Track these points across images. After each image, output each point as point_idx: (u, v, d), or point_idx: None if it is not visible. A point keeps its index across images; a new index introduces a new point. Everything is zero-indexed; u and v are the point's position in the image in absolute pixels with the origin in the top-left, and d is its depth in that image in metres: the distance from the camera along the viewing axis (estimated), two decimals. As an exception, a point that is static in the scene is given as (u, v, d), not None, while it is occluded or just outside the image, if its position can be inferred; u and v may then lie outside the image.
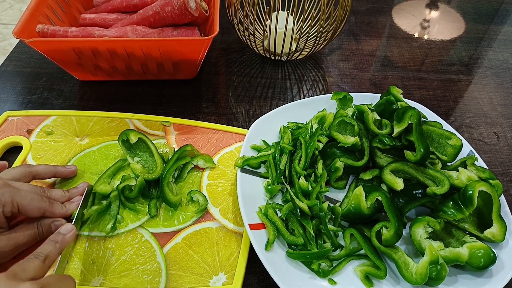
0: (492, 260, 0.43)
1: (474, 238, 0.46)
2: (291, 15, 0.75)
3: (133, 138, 0.55)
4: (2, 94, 0.67)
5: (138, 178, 0.52)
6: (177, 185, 0.54)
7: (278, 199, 0.52)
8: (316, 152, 0.53)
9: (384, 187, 0.51)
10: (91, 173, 0.55)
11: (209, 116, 0.64)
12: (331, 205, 0.50)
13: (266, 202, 0.51)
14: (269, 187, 0.51)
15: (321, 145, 0.54)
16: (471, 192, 0.45)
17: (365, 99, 0.60)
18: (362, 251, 0.48)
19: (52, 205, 0.47)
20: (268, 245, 0.46)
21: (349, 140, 0.52)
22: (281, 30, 0.67)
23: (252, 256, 0.47)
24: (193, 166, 0.56)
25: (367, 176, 0.52)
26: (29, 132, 0.60)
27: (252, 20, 0.67)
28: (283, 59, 0.74)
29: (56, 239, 0.42)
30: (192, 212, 0.52)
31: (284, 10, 0.74)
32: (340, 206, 0.51)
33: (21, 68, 0.72)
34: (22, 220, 0.48)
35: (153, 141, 0.57)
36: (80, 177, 0.55)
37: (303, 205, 0.48)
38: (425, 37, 0.83)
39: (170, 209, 0.52)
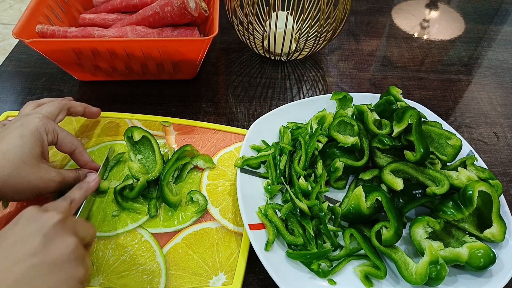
0: (492, 260, 0.44)
1: (474, 238, 0.46)
2: (291, 15, 0.75)
3: (137, 136, 0.55)
4: (1, 94, 0.67)
5: (134, 178, 0.53)
6: (177, 185, 0.54)
7: (278, 199, 0.52)
8: (316, 152, 0.53)
9: (384, 187, 0.51)
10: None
11: (209, 116, 0.64)
12: (331, 205, 0.50)
13: (266, 202, 0.51)
14: (269, 187, 0.51)
15: (320, 145, 0.54)
16: (470, 192, 0.45)
17: (365, 99, 0.60)
18: (362, 251, 0.48)
19: (82, 148, 0.50)
20: (268, 245, 0.46)
21: (349, 140, 0.52)
22: (281, 30, 0.67)
23: (252, 256, 0.47)
24: (192, 166, 0.56)
25: (367, 176, 0.52)
26: (29, 132, 0.60)
27: (251, 20, 0.67)
28: (283, 59, 0.74)
29: (82, 186, 0.47)
30: (191, 212, 0.52)
31: (284, 10, 0.74)
32: (340, 206, 0.51)
33: (21, 68, 0.72)
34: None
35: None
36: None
37: (303, 205, 0.48)
38: (425, 37, 0.83)
39: (170, 209, 0.52)
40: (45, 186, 0.44)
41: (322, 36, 0.66)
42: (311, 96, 0.65)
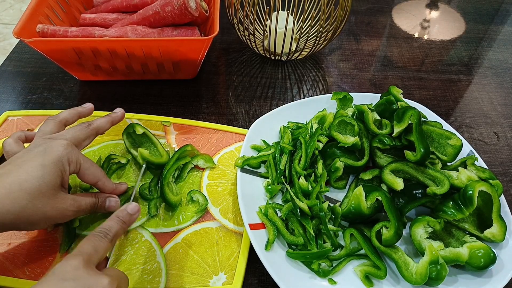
0: (492, 260, 0.44)
1: (474, 238, 0.46)
2: (291, 15, 0.75)
3: (140, 130, 0.56)
4: (2, 94, 0.67)
5: (148, 162, 0.53)
6: (177, 185, 0.54)
7: (278, 199, 0.52)
8: (316, 152, 0.53)
9: (384, 187, 0.51)
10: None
11: (209, 116, 0.64)
12: (331, 205, 0.50)
13: (266, 202, 0.51)
14: (269, 187, 0.51)
15: (321, 145, 0.54)
16: (471, 192, 0.45)
17: (365, 99, 0.60)
18: (362, 251, 0.48)
19: (106, 178, 0.47)
20: (268, 245, 0.46)
21: (349, 140, 0.52)
22: (281, 30, 0.67)
23: (252, 256, 0.47)
24: (193, 166, 0.56)
25: (367, 176, 0.52)
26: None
27: (252, 20, 0.67)
28: (283, 59, 0.74)
29: (124, 218, 0.42)
30: (192, 212, 0.52)
31: (284, 10, 0.74)
32: (340, 206, 0.51)
33: (21, 68, 0.72)
34: None
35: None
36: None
37: (303, 205, 0.48)
38: (425, 37, 0.83)
39: (170, 209, 0.52)
40: (61, 216, 0.42)
41: (322, 36, 0.66)
42: (311, 96, 0.65)
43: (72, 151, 0.42)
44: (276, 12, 0.64)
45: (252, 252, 0.48)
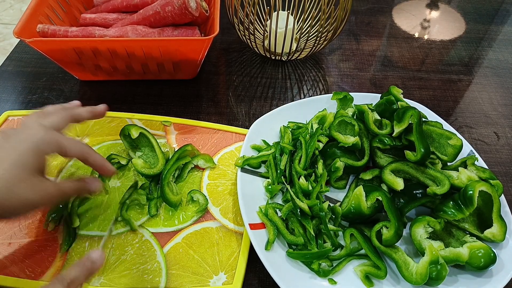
0: (492, 260, 0.44)
1: (474, 238, 0.46)
2: (291, 15, 0.75)
3: (134, 133, 0.55)
4: (2, 93, 0.67)
5: (140, 174, 0.53)
6: (177, 184, 0.54)
7: (278, 199, 0.52)
8: (316, 152, 0.53)
9: (384, 187, 0.51)
10: (92, 173, 0.55)
11: (209, 116, 0.65)
12: (331, 205, 0.50)
13: (266, 202, 0.51)
14: (269, 187, 0.51)
15: (321, 145, 0.54)
16: (471, 192, 0.45)
17: (365, 99, 0.60)
18: (362, 251, 0.48)
19: (93, 152, 0.47)
20: (268, 245, 0.46)
21: (349, 140, 0.52)
22: (282, 30, 0.67)
23: (252, 255, 0.47)
24: (193, 166, 0.56)
25: (367, 176, 0.52)
26: (30, 131, 0.60)
27: (252, 20, 0.67)
28: (284, 59, 0.74)
29: (87, 266, 0.40)
30: (192, 212, 0.52)
31: (285, 10, 0.74)
32: (340, 206, 0.51)
33: (22, 68, 0.72)
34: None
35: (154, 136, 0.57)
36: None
37: (303, 205, 0.48)
38: (426, 37, 0.83)
39: (170, 209, 0.52)
40: (43, 200, 0.41)
41: (322, 36, 0.66)
42: (311, 96, 0.65)
43: (48, 133, 0.43)
44: (276, 12, 0.64)
45: (252, 252, 0.48)
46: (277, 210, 0.50)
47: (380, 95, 0.59)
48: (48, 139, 0.42)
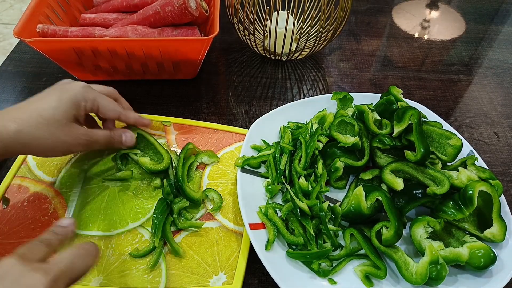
0: (492, 260, 0.44)
1: (474, 238, 0.46)
2: (291, 15, 0.75)
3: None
4: (2, 93, 0.67)
5: (150, 172, 0.54)
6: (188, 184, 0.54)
7: (278, 199, 0.52)
8: (316, 152, 0.53)
9: (384, 187, 0.51)
10: (92, 173, 0.55)
11: (209, 116, 0.65)
12: (331, 205, 0.50)
13: (266, 202, 0.51)
14: (269, 187, 0.51)
15: (321, 145, 0.54)
16: (471, 192, 0.45)
17: (365, 99, 0.60)
18: (362, 251, 0.48)
19: (126, 111, 0.54)
20: (268, 245, 0.46)
21: (349, 140, 0.52)
22: (281, 30, 0.67)
23: (252, 256, 0.47)
24: (198, 164, 0.56)
25: (367, 176, 0.52)
26: (29, 131, 0.60)
27: (252, 20, 0.67)
28: (283, 59, 0.74)
29: (56, 230, 0.41)
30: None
31: (284, 10, 0.74)
32: (340, 206, 0.51)
33: (22, 68, 0.72)
34: None
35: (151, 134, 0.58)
36: (80, 176, 0.55)
37: (303, 205, 0.48)
38: (425, 37, 0.83)
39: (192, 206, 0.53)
40: (74, 142, 0.47)
41: (322, 36, 0.66)
42: (311, 96, 0.65)
43: (88, 91, 0.49)
44: (276, 12, 0.64)
45: (252, 252, 0.48)
46: (277, 210, 0.50)
47: (380, 95, 0.59)
48: (87, 94, 0.48)
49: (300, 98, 0.67)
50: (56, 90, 0.48)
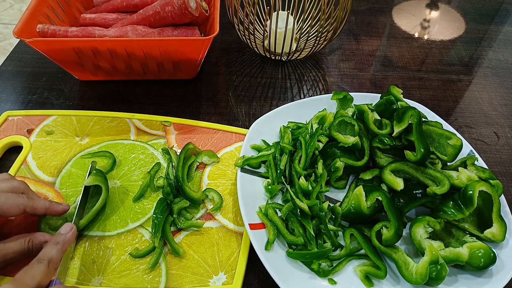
0: (492, 260, 0.44)
1: (474, 238, 0.46)
2: (291, 15, 0.75)
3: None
4: (2, 93, 0.67)
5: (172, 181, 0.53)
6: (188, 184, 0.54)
7: (278, 199, 0.52)
8: (316, 152, 0.53)
9: (384, 187, 0.51)
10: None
11: (209, 116, 0.65)
12: (331, 205, 0.50)
13: (266, 202, 0.51)
14: (269, 187, 0.51)
15: (321, 145, 0.54)
16: (471, 192, 0.45)
17: (365, 99, 0.60)
18: (362, 251, 0.48)
19: (33, 200, 0.45)
20: (268, 245, 0.46)
21: (349, 140, 0.52)
22: (281, 30, 0.67)
23: (252, 256, 0.47)
24: (198, 164, 0.56)
25: (367, 176, 0.52)
26: (29, 131, 0.60)
27: (252, 20, 0.67)
28: (283, 59, 0.74)
29: (57, 240, 0.42)
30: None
31: (284, 10, 0.74)
32: (340, 206, 0.51)
33: (22, 68, 0.72)
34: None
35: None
36: (80, 177, 0.55)
37: (303, 205, 0.48)
38: (425, 37, 0.83)
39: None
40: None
41: (322, 36, 0.66)
42: (311, 96, 0.65)
43: None
44: (276, 12, 0.64)
45: (252, 252, 0.48)
46: (277, 210, 0.50)
47: (380, 95, 0.59)
48: None
49: (300, 98, 0.67)
50: None
